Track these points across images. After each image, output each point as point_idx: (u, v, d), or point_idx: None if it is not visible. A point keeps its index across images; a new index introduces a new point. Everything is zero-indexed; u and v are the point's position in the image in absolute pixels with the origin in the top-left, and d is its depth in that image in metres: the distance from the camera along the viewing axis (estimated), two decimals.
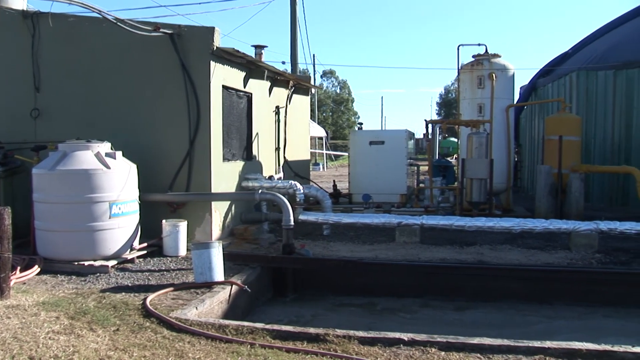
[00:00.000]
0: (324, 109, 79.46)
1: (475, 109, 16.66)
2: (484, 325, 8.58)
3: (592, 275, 9.60)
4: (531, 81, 23.53)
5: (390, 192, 15.63)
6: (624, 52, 17.97)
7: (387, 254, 10.88)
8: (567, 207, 14.36)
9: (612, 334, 7.89)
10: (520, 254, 10.93)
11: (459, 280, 9.83)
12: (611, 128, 17.82)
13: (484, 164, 14.36)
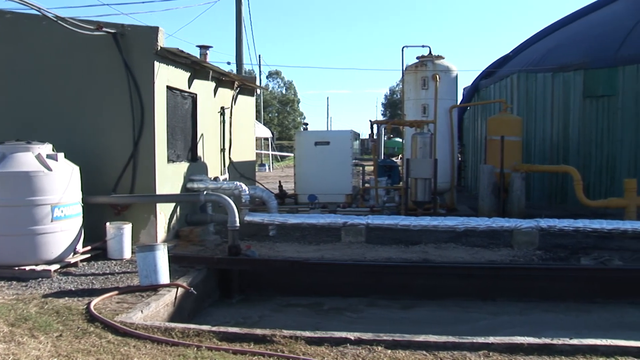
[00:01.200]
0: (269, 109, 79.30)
1: (420, 110, 16.89)
2: (430, 322, 8.71)
3: (533, 272, 9.88)
4: (474, 82, 23.98)
5: (336, 192, 15.70)
6: (562, 55, 18.50)
7: (333, 254, 10.95)
8: (509, 205, 14.71)
9: (552, 327, 8.15)
10: (464, 252, 11.15)
11: (404, 279, 9.97)
12: (550, 128, 18.33)
13: (428, 163, 14.56)
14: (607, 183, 16.89)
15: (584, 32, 19.43)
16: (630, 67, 16.50)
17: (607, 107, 17.08)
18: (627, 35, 17.19)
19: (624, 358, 5.70)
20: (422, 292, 9.82)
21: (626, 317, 8.96)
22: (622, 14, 18.79)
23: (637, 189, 13.62)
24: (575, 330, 7.79)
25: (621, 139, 16.73)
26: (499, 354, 5.81)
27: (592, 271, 9.93)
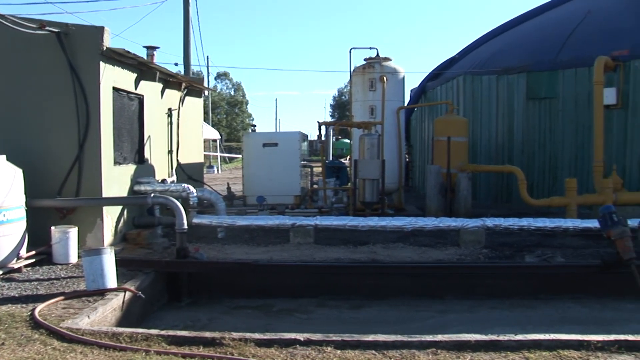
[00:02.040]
0: (218, 111, 78.80)
1: (367, 111, 17.04)
2: (379, 322, 8.79)
3: (479, 270, 10.09)
4: (421, 84, 24.29)
5: (285, 193, 15.70)
6: (506, 58, 18.92)
7: (282, 255, 10.96)
8: (456, 205, 14.96)
9: (498, 324, 8.31)
10: (412, 252, 11.29)
11: (353, 279, 10.04)
12: (495, 129, 18.71)
13: (376, 164, 14.69)
14: (550, 182, 17.34)
15: (527, 36, 19.91)
16: (570, 71, 16.99)
17: (549, 109, 17.53)
18: (566, 40, 17.69)
19: (565, 351, 5.87)
20: (371, 292, 9.91)
21: (568, 312, 9.24)
22: (563, 19, 19.32)
23: (577, 188, 14.03)
24: (521, 325, 7.96)
25: (562, 139, 17.20)
26: (447, 352, 5.90)
27: (536, 268, 10.19)
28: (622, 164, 15.72)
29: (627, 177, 15.50)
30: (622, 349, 5.88)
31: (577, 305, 9.53)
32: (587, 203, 14.22)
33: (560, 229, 11.69)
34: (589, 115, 15.64)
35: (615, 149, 15.95)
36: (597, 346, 5.93)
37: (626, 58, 15.88)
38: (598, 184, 14.37)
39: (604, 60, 14.99)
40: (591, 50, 16.01)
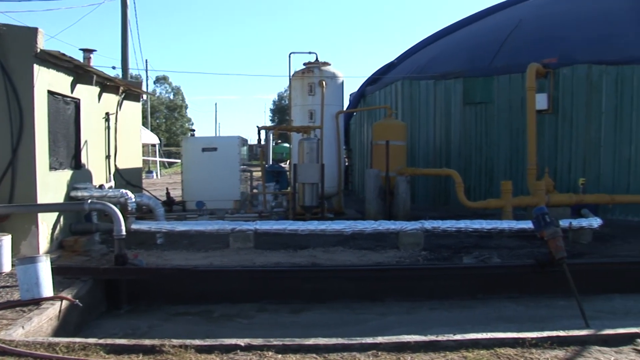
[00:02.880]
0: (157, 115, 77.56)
1: (307, 115, 17.08)
2: (320, 325, 8.83)
3: (418, 272, 10.24)
4: (360, 88, 24.52)
5: (224, 198, 15.58)
6: (443, 64, 19.30)
7: (222, 260, 10.90)
8: (395, 208, 15.14)
9: (438, 324, 8.46)
10: (352, 255, 11.37)
11: (293, 283, 10.05)
12: (433, 133, 19.05)
13: (316, 168, 14.73)
14: (486, 185, 17.75)
15: (463, 43, 20.37)
16: (504, 77, 17.46)
17: (484, 114, 17.96)
18: (500, 47, 18.19)
19: (502, 349, 6.03)
20: (312, 295, 9.94)
21: (505, 311, 9.48)
22: (497, 27, 19.85)
23: (512, 190, 14.40)
24: (459, 325, 8.13)
25: (498, 143, 17.64)
26: (387, 353, 5.97)
27: (473, 269, 10.42)
28: (554, 167, 16.26)
29: (558, 179, 16.04)
30: (555, 345, 6.09)
31: (513, 304, 9.80)
32: (522, 204, 14.62)
33: (496, 230, 12.00)
34: (523, 119, 16.12)
35: (547, 152, 16.48)
36: (532, 343, 6.12)
37: (556, 65, 16.46)
38: (532, 186, 14.80)
39: (535, 67, 15.49)
40: (523, 58, 16.52)
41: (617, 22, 17.33)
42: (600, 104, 16.12)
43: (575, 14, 18.43)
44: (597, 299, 9.79)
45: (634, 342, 6.18)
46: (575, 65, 16.29)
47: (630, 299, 10.01)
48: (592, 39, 16.85)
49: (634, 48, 16.08)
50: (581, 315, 8.36)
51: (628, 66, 15.89)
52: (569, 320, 8.43)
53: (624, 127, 15.96)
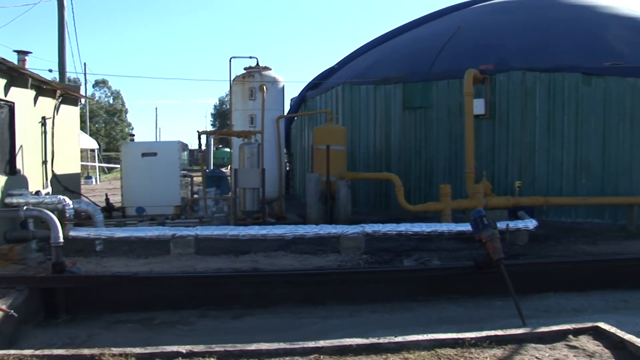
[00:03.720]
0: (96, 119, 76.01)
1: (247, 120, 17.03)
2: (262, 330, 8.79)
3: (360, 275, 10.32)
4: (301, 93, 24.56)
5: (165, 204, 15.36)
6: (383, 68, 19.51)
7: (162, 266, 10.75)
8: (336, 212, 15.22)
9: (379, 327, 8.53)
10: (294, 260, 11.37)
11: (235, 288, 9.99)
12: (373, 138, 19.22)
13: (256, 173, 14.68)
14: (426, 188, 18.00)
15: (403, 49, 20.65)
16: (442, 82, 17.78)
17: (424, 118, 18.23)
18: (438, 53, 18.51)
19: (442, 350, 6.12)
20: (254, 300, 9.90)
21: (445, 312, 9.63)
22: (436, 33, 20.21)
23: (451, 193, 14.66)
24: (401, 327, 8.22)
25: (437, 147, 17.93)
26: (329, 357, 5.99)
27: (414, 272, 10.56)
28: (492, 170, 16.64)
29: (495, 182, 16.44)
30: (493, 344, 6.22)
31: (453, 305, 9.96)
32: (461, 207, 14.89)
33: (436, 233, 12.19)
34: (461, 124, 16.43)
35: (485, 156, 16.86)
36: (471, 343, 6.23)
37: (492, 72, 16.88)
38: (470, 190, 15.11)
39: (472, 73, 15.84)
40: (462, 64, 16.87)
41: (549, 32, 17.95)
42: (535, 110, 16.64)
43: (511, 23, 18.98)
44: (533, 298, 10.08)
45: (566, 338, 6.38)
46: (511, 71, 16.77)
47: (564, 297, 10.37)
48: (526, 47, 17.39)
49: (565, 57, 16.71)
50: (518, 314, 8.58)
51: (559, 73, 16.46)
52: (506, 320, 8.65)
53: (557, 131, 16.51)
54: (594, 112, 16.40)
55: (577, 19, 18.82)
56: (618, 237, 13.97)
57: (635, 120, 16.31)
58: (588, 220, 16.35)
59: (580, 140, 16.43)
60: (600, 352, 6.00)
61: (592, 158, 16.39)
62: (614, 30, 17.79)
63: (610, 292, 10.72)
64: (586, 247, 12.76)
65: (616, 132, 16.36)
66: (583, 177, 16.42)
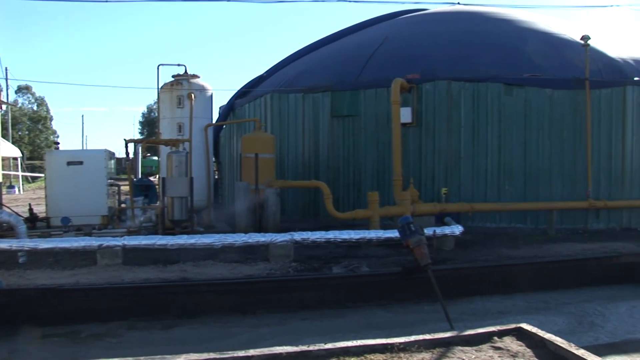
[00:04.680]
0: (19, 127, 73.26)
1: (175, 128, 16.83)
2: (192, 341, 8.65)
3: (289, 283, 10.30)
4: (229, 101, 24.41)
5: (91, 214, 14.95)
6: (311, 77, 19.62)
7: (89, 278, 10.45)
8: (265, 220, 15.16)
9: (309, 334, 8.51)
10: (223, 269, 11.26)
11: (164, 299, 9.78)
12: (302, 146, 19.28)
13: (184, 182, 14.50)
14: (355, 196, 18.16)
15: (331, 57, 20.84)
16: (370, 91, 18.02)
17: (352, 127, 18.41)
18: (366, 62, 18.76)
19: (372, 355, 6.15)
20: (183, 310, 9.71)
21: (374, 318, 9.70)
22: (364, 43, 20.49)
23: (379, 200, 14.84)
24: (331, 334, 8.22)
25: (365, 155, 18.13)
26: None
27: (343, 278, 10.62)
28: (419, 177, 16.95)
29: (422, 189, 16.75)
30: (422, 348, 6.28)
31: (382, 310, 10.05)
32: (389, 214, 15.08)
33: (364, 240, 12.31)
34: (388, 132, 16.67)
35: (412, 164, 17.16)
36: (400, 347, 6.28)
37: (418, 81, 17.23)
38: (398, 197, 15.33)
39: (399, 82, 16.12)
40: (389, 73, 17.15)
41: (473, 43, 18.51)
42: (460, 118, 17.06)
43: (437, 35, 19.46)
44: (460, 302, 10.30)
45: (491, 340, 6.52)
46: (437, 81, 17.17)
47: (489, 300, 10.64)
48: (451, 57, 17.85)
49: (488, 68, 17.27)
50: (446, 318, 8.72)
51: (483, 83, 16.97)
52: (435, 324, 8.79)
53: (481, 140, 16.98)
54: (516, 121, 16.97)
55: (499, 32, 19.49)
56: (539, 241, 14.47)
57: (554, 129, 16.99)
58: (511, 226, 16.88)
59: (503, 148, 16.96)
60: (523, 352, 6.16)
61: (515, 165, 16.94)
62: (532, 43, 18.51)
63: (532, 293, 11.11)
64: (509, 251, 13.15)
65: (536, 140, 16.99)
66: (506, 184, 16.94)
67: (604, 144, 17.23)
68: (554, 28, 20.11)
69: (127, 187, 17.55)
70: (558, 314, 10.00)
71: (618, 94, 17.26)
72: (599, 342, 8.42)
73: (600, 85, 17.15)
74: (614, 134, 17.30)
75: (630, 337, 8.78)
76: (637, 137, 17.52)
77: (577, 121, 17.03)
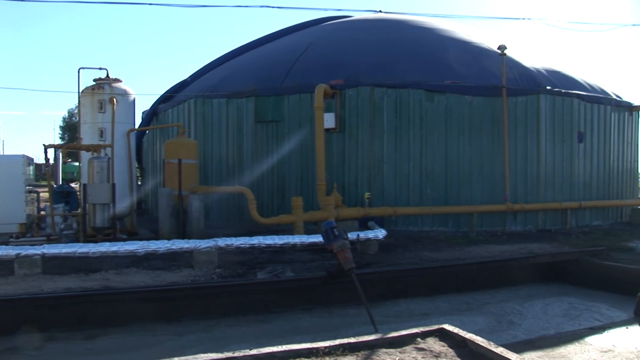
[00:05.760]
0: None
1: (97, 133, 16.42)
2: (116, 351, 8.48)
3: (213, 290, 10.20)
4: (152, 106, 24.00)
5: (8, 221, 14.41)
6: (235, 83, 19.53)
7: (6, 289, 10.04)
8: (189, 227, 14.96)
9: (235, 341, 8.49)
10: (146, 276, 11.05)
11: (86, 308, 9.52)
12: (226, 151, 19.12)
13: (106, 188, 14.18)
14: (279, 201, 18.15)
15: (256, 63, 20.84)
16: (294, 97, 18.08)
17: (276, 132, 18.40)
18: (290, 68, 18.84)
19: (297, 359, 6.17)
20: (106, 320, 9.48)
21: (300, 323, 9.76)
22: (288, 49, 20.58)
23: (303, 205, 14.90)
24: (256, 340, 8.22)
25: (289, 160, 18.15)
26: None
27: (267, 284, 10.61)
28: (342, 182, 17.10)
29: (346, 194, 16.90)
30: (347, 351, 6.34)
31: (308, 315, 10.12)
32: (313, 219, 15.15)
33: (289, 245, 12.33)
34: (312, 137, 16.76)
35: (336, 169, 17.30)
36: (325, 351, 6.32)
37: (342, 87, 17.41)
38: (321, 202, 15.44)
39: (323, 88, 16.26)
40: (313, 79, 17.28)
41: (396, 51, 18.93)
42: (383, 123, 17.32)
43: (360, 42, 19.77)
44: (385, 305, 10.49)
45: (415, 341, 6.64)
46: (360, 87, 17.38)
47: (413, 302, 10.89)
48: (374, 64, 18.14)
49: (410, 74, 17.67)
50: (370, 321, 8.84)
51: (405, 90, 17.32)
52: (360, 327, 8.90)
53: (403, 145, 17.29)
54: (437, 126, 17.39)
55: (421, 40, 19.98)
56: (461, 244, 14.85)
57: (474, 134, 17.51)
58: (434, 229, 17.27)
59: (425, 153, 17.34)
60: (445, 352, 6.30)
61: (436, 170, 17.34)
62: (453, 52, 19.07)
63: (454, 295, 11.43)
64: (432, 254, 13.44)
65: (457, 145, 17.45)
66: (428, 188, 17.32)
67: (521, 149, 17.91)
68: (473, 37, 20.78)
69: (46, 193, 17.02)
70: (479, 313, 10.32)
71: (533, 101, 18.00)
72: (516, 340, 8.71)
73: (516, 93, 17.84)
74: (530, 139, 18.01)
75: (545, 334, 9.15)
76: (551, 143, 18.31)
77: (495, 127, 17.63)
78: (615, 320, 9.80)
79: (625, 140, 21.24)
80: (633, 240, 15.98)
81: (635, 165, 22.27)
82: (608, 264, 12.49)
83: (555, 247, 14.53)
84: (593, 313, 10.39)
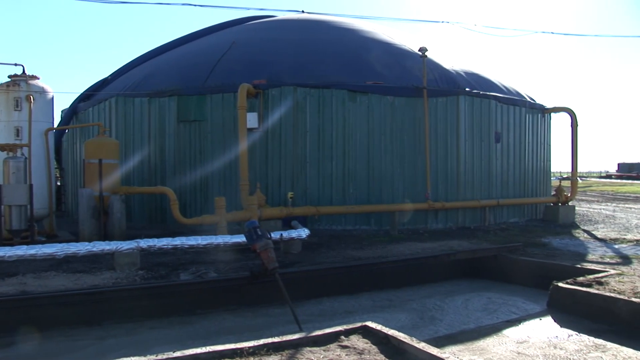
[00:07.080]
0: None
1: (13, 132, 15.94)
2: (35, 357, 8.25)
3: (135, 292, 10.05)
4: (72, 105, 23.35)
5: None
6: (158, 81, 19.28)
7: None
8: (110, 228, 14.68)
9: (159, 343, 8.40)
10: (66, 279, 10.79)
11: (1, 314, 9.19)
12: (148, 151, 18.84)
13: (23, 189, 13.77)
14: (202, 201, 18.03)
15: (178, 61, 20.61)
16: (217, 96, 17.99)
17: (199, 131, 18.27)
18: (213, 67, 18.74)
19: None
20: (23, 326, 9.17)
21: (224, 323, 9.74)
22: (211, 48, 20.46)
23: (226, 205, 14.85)
24: (180, 342, 8.17)
25: (212, 160, 18.04)
26: None
27: (190, 285, 10.53)
28: (265, 182, 17.16)
29: (269, 194, 16.98)
30: (271, 351, 6.41)
31: (232, 315, 10.11)
32: (236, 219, 15.13)
33: (212, 246, 12.27)
34: (235, 137, 16.72)
35: (259, 169, 17.34)
36: (250, 352, 6.37)
37: (265, 87, 17.45)
38: (245, 202, 15.42)
39: (246, 88, 16.24)
40: (236, 78, 17.26)
41: (319, 51, 19.12)
42: (306, 123, 17.46)
43: (283, 41, 19.87)
44: (309, 304, 10.61)
45: (338, 339, 6.78)
46: (283, 87, 17.46)
47: (337, 300, 11.05)
48: (297, 64, 18.27)
49: (332, 75, 17.87)
50: (295, 320, 8.93)
51: (328, 90, 17.51)
52: (284, 326, 8.98)
53: (326, 144, 17.49)
54: (360, 126, 17.67)
55: (344, 40, 20.24)
56: (383, 242, 15.15)
57: (395, 134, 17.89)
58: (357, 227, 17.54)
59: (348, 153, 17.58)
60: (368, 349, 6.46)
61: (359, 169, 17.62)
62: (375, 52, 19.42)
63: (377, 292, 11.67)
64: (355, 252, 13.65)
65: (379, 145, 17.78)
66: (351, 187, 17.57)
67: (441, 149, 18.43)
68: (394, 39, 21.21)
69: None
70: (402, 310, 10.57)
71: (452, 102, 18.53)
72: (438, 335, 9.01)
73: (436, 94, 18.34)
74: (450, 139, 18.54)
75: (465, 328, 9.48)
76: (470, 143, 18.91)
77: (416, 127, 18.06)
78: (530, 313, 10.25)
79: (539, 140, 22.20)
80: (547, 236, 16.73)
81: (548, 165, 23.31)
82: (524, 259, 13.01)
83: (475, 243, 15.02)
84: (510, 307, 10.82)
